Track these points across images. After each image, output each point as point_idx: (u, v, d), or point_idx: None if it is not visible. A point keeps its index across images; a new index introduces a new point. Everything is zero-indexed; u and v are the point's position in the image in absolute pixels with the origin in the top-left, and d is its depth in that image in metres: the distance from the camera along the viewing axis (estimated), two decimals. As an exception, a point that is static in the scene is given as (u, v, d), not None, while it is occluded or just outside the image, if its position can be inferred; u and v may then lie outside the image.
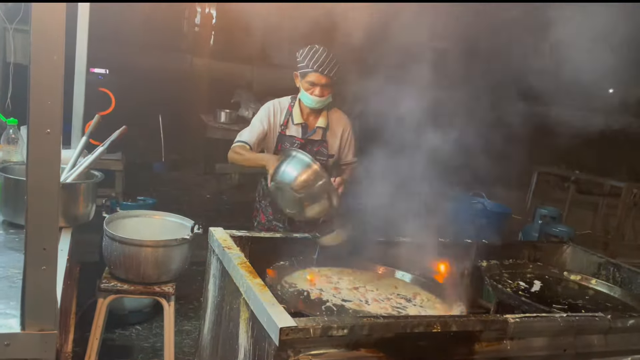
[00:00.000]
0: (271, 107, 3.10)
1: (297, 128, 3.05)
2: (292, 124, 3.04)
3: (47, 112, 1.22)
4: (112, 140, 2.69)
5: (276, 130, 3.07)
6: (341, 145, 3.12)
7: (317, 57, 2.89)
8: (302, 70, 2.93)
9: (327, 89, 2.95)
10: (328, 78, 2.91)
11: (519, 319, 1.92)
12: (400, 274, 2.54)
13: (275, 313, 1.64)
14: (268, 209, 3.17)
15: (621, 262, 2.95)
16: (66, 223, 2.32)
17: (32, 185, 1.27)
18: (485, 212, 5.85)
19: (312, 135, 3.04)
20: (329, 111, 3.09)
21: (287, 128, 3.05)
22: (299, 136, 3.04)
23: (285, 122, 3.05)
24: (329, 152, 3.07)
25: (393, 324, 1.75)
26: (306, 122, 3.05)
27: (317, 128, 3.04)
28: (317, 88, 2.92)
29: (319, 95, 2.94)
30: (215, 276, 2.30)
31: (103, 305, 2.59)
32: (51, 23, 1.19)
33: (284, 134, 3.05)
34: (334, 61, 2.92)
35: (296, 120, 3.03)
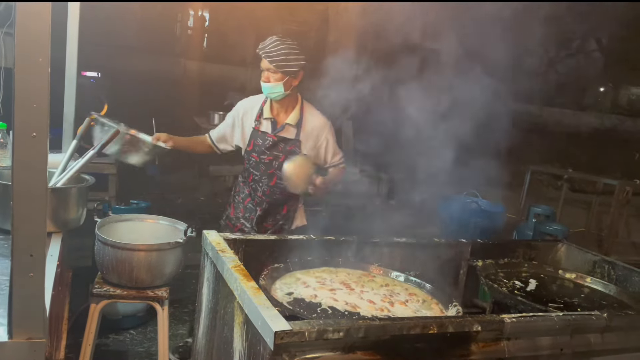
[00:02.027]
0: (245, 103, 3.18)
1: (267, 123, 3.07)
2: (263, 119, 3.08)
3: (32, 115, 1.18)
4: (103, 144, 2.66)
5: (249, 126, 3.10)
6: (317, 146, 3.09)
7: (267, 44, 2.92)
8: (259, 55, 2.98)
9: (274, 75, 2.94)
10: (272, 65, 2.91)
11: (515, 319, 1.90)
12: (395, 274, 2.51)
13: (270, 317, 1.62)
14: (240, 205, 3.18)
15: (616, 260, 2.94)
16: (56, 228, 2.29)
17: (18, 190, 1.23)
18: (480, 211, 5.85)
19: (282, 132, 3.04)
20: (304, 110, 3.08)
21: (260, 124, 3.08)
22: (270, 132, 3.05)
23: (258, 117, 3.09)
24: (302, 152, 3.05)
25: (389, 326, 1.72)
26: (275, 118, 3.06)
27: (285, 124, 3.04)
28: (265, 73, 2.95)
29: (265, 81, 2.95)
30: (210, 280, 2.27)
31: (95, 310, 2.55)
32: (36, 24, 1.16)
33: (257, 129, 3.08)
34: (284, 51, 2.91)
35: (265, 114, 3.06)
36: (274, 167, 3.04)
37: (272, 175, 3.05)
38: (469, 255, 2.84)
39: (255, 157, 3.08)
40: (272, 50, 2.91)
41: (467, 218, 5.58)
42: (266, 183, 3.07)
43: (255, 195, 3.12)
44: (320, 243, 2.54)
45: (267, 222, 3.15)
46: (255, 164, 3.09)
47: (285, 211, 3.16)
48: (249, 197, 3.16)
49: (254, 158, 3.09)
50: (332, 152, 3.14)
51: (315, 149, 3.09)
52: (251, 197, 3.15)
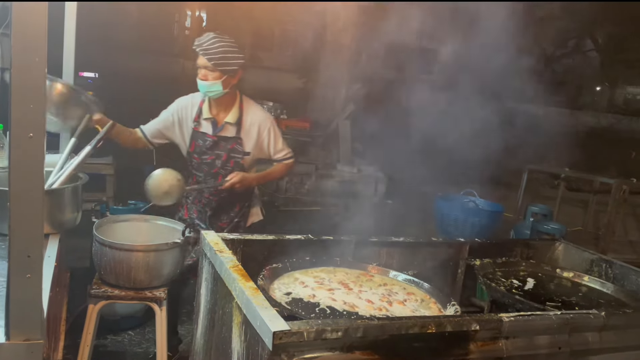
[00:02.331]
0: (183, 100, 3.10)
1: (207, 124, 3.02)
2: (202, 119, 3.02)
3: (29, 115, 1.17)
4: (99, 139, 2.65)
5: (188, 126, 3.04)
6: (260, 142, 3.05)
7: (204, 41, 2.86)
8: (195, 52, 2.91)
9: (211, 73, 2.88)
10: (209, 62, 2.85)
11: (513, 317, 1.90)
12: (393, 274, 2.50)
13: (268, 317, 1.61)
14: (192, 207, 3.16)
15: (613, 259, 2.95)
16: (52, 229, 2.28)
17: (15, 191, 1.22)
18: (477, 210, 5.85)
19: (221, 132, 3.00)
20: (243, 106, 3.03)
21: (199, 124, 3.03)
22: (210, 133, 3.01)
23: (196, 117, 3.03)
24: (244, 149, 3.02)
25: (387, 325, 1.72)
26: (215, 118, 3.01)
27: (225, 124, 3.00)
28: (202, 70, 2.89)
29: (202, 78, 2.89)
30: (208, 280, 2.26)
31: (94, 311, 2.54)
32: (32, 24, 1.15)
33: (196, 130, 3.03)
34: (223, 49, 2.85)
35: (205, 115, 3.01)
36: (217, 166, 3.02)
37: (217, 174, 3.03)
38: (466, 254, 2.84)
39: (196, 158, 3.05)
40: (210, 47, 2.84)
41: (464, 217, 5.58)
42: (211, 182, 3.04)
43: (202, 197, 3.11)
44: (318, 243, 2.54)
45: (222, 220, 3.14)
46: (197, 165, 3.06)
47: (239, 208, 3.14)
48: (196, 199, 3.14)
49: (196, 159, 3.06)
50: (275, 147, 3.09)
51: (258, 145, 3.05)
52: (198, 199, 3.13)
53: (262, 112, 3.11)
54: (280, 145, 3.12)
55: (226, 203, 3.11)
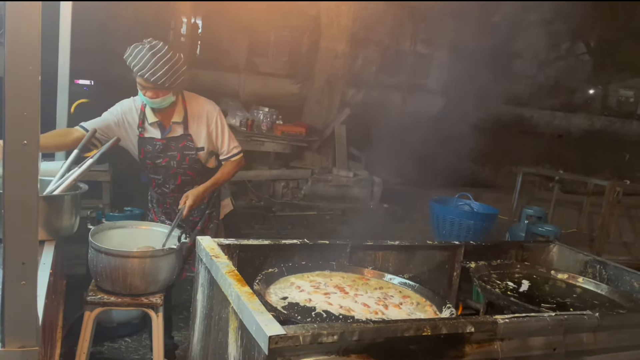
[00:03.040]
0: (126, 104, 2.91)
1: (153, 128, 2.88)
2: (147, 125, 2.87)
3: (23, 123, 1.17)
4: (102, 153, 2.64)
5: (133, 132, 2.89)
6: (209, 134, 2.92)
7: (140, 60, 2.61)
8: (132, 72, 2.69)
9: (160, 91, 2.70)
10: (159, 86, 2.65)
11: (508, 319, 1.90)
12: (388, 277, 2.50)
13: (264, 321, 1.61)
14: (158, 210, 3.17)
15: (607, 260, 2.95)
16: (49, 236, 2.27)
17: (9, 199, 1.22)
18: (472, 213, 5.86)
19: (170, 133, 2.87)
20: (187, 101, 2.89)
21: (145, 130, 2.88)
22: (158, 137, 2.88)
23: (140, 123, 2.87)
24: (196, 145, 2.90)
25: (383, 328, 1.72)
26: (161, 121, 2.86)
27: (172, 124, 2.86)
28: (148, 91, 2.70)
29: (151, 98, 2.71)
30: (204, 285, 2.26)
31: (90, 318, 2.53)
32: (26, 32, 1.15)
33: (143, 137, 2.89)
34: (162, 63, 2.61)
35: (150, 119, 2.86)
36: (173, 167, 2.94)
37: (175, 175, 2.97)
38: (462, 257, 2.84)
39: (150, 163, 2.95)
40: (154, 67, 2.61)
41: (459, 220, 5.59)
42: (172, 183, 2.99)
43: (166, 199, 3.06)
44: (314, 247, 2.54)
45: (193, 215, 3.08)
46: (153, 169, 2.97)
47: (207, 199, 3.06)
48: (159, 202, 3.11)
49: (150, 164, 2.96)
50: (223, 139, 2.95)
51: (209, 137, 2.93)
52: (161, 202, 3.09)
53: (208, 103, 2.96)
54: (227, 139, 2.95)
55: None
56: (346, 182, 8.45)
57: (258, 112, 8.44)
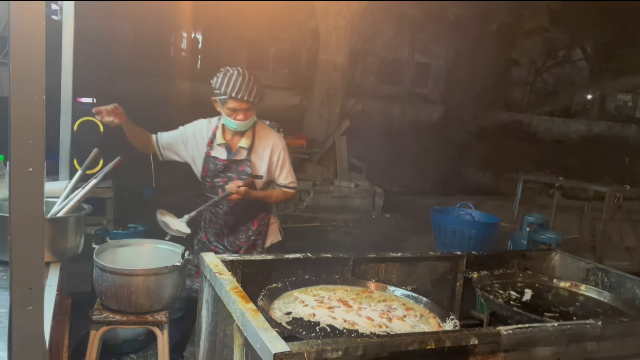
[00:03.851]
0: (200, 124, 3.09)
1: (220, 149, 3.01)
2: (215, 144, 3.02)
3: (28, 151, 1.19)
4: (106, 172, 2.66)
5: (202, 150, 3.04)
6: (271, 165, 3.04)
7: (234, 84, 2.81)
8: (221, 97, 2.87)
9: (250, 111, 2.90)
10: (248, 103, 2.85)
11: (511, 330, 1.90)
12: (391, 290, 2.51)
13: (269, 338, 1.61)
14: (209, 230, 3.17)
15: (609, 267, 2.95)
16: (54, 257, 2.28)
17: (15, 225, 1.23)
18: (474, 223, 5.86)
19: (235, 156, 2.99)
20: (256, 129, 3.03)
21: (212, 149, 3.02)
22: (222, 157, 3.00)
23: (209, 142, 3.03)
24: (253, 172, 3.00)
25: (387, 343, 1.72)
26: (229, 143, 3.01)
27: (239, 148, 2.99)
28: (239, 113, 2.87)
29: (242, 120, 2.89)
30: (208, 302, 2.26)
31: (96, 337, 2.53)
32: (30, 62, 1.17)
33: (209, 155, 3.02)
34: (252, 83, 2.83)
35: (219, 140, 3.00)
36: None
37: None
38: (464, 267, 2.84)
39: (209, 182, 3.05)
40: (247, 88, 2.82)
41: (461, 230, 5.59)
42: (226, 205, 3.04)
43: (217, 218, 3.11)
44: (317, 261, 2.54)
45: (240, 240, 3.13)
46: (211, 188, 3.06)
47: (256, 226, 3.12)
48: (211, 222, 3.15)
49: (209, 183, 3.06)
50: (282, 172, 3.07)
51: (268, 167, 3.03)
52: (213, 222, 3.13)
53: (275, 135, 3.10)
54: (285, 172, 3.09)
55: (244, 221, 3.10)
56: (348, 193, 8.46)
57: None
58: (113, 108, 2.90)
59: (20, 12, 1.14)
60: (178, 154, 3.11)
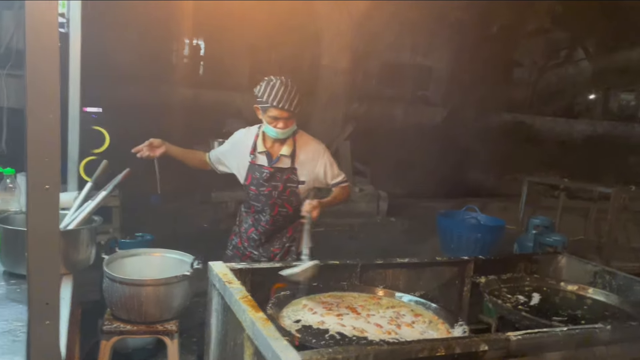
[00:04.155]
0: (240, 135, 3.18)
1: (262, 157, 3.07)
2: (257, 153, 3.07)
3: (45, 169, 1.22)
4: (116, 184, 2.68)
5: (245, 159, 3.10)
6: (317, 172, 3.08)
7: (276, 93, 2.86)
8: (262, 105, 2.92)
9: (290, 120, 2.95)
10: (289, 112, 2.90)
11: (520, 336, 1.92)
12: (399, 296, 2.52)
13: (280, 348, 1.63)
14: (244, 235, 3.19)
15: (616, 270, 2.96)
16: (67, 269, 2.30)
17: (32, 241, 1.26)
18: (480, 226, 5.87)
19: (277, 163, 3.04)
20: (296, 137, 3.08)
21: (256, 157, 3.08)
22: (266, 165, 3.05)
23: (252, 151, 3.08)
24: (298, 179, 3.05)
25: (397, 350, 1.74)
26: (269, 151, 3.06)
27: (280, 156, 3.03)
28: (280, 121, 2.92)
29: (282, 128, 2.94)
30: (218, 311, 2.28)
31: (106, 347, 2.56)
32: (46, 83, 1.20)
33: (254, 164, 3.07)
34: (294, 92, 2.88)
35: (259, 148, 3.05)
36: (273, 197, 3.05)
37: (273, 205, 3.06)
38: (471, 272, 2.86)
39: (254, 190, 3.09)
40: (289, 97, 2.86)
41: (467, 234, 5.60)
42: (269, 213, 3.08)
43: (258, 225, 3.14)
44: (324, 268, 2.56)
45: (274, 246, 3.16)
46: (255, 196, 3.10)
47: (291, 233, 3.16)
48: (252, 227, 3.17)
49: (253, 191, 3.09)
50: (331, 175, 3.13)
51: (313, 174, 3.08)
52: (254, 227, 3.16)
53: (316, 143, 3.15)
54: (336, 172, 3.15)
55: (281, 229, 3.15)
56: (352, 198, 8.47)
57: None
58: (149, 144, 3.03)
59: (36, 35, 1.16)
60: (227, 166, 3.23)
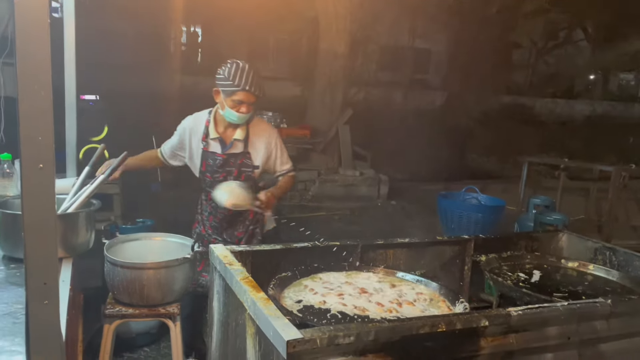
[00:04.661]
0: (189, 123, 3.12)
1: (215, 143, 3.03)
2: (209, 139, 3.03)
3: (38, 147, 1.20)
4: (113, 168, 2.68)
5: (198, 147, 3.06)
6: (268, 155, 3.07)
7: (247, 76, 2.84)
8: (229, 88, 2.87)
9: (253, 105, 2.93)
10: (256, 97, 2.89)
11: (521, 311, 1.91)
12: (401, 275, 2.52)
13: (281, 326, 1.63)
14: (206, 223, 3.19)
15: (617, 246, 2.95)
16: (66, 253, 2.30)
17: (28, 221, 1.25)
18: (480, 206, 5.86)
19: (230, 149, 3.01)
20: (249, 122, 3.05)
21: (208, 144, 3.04)
22: (219, 152, 3.02)
23: (204, 137, 3.04)
24: (253, 163, 3.04)
25: (398, 327, 1.73)
26: (222, 136, 3.03)
27: (234, 140, 3.01)
28: (244, 106, 2.89)
29: (245, 112, 2.91)
30: (219, 293, 2.28)
31: (109, 331, 2.56)
32: (36, 58, 1.18)
33: (206, 150, 3.04)
34: (258, 77, 2.88)
35: (212, 135, 3.02)
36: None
37: None
38: (472, 251, 2.85)
39: (209, 177, 3.07)
40: (259, 82, 2.86)
41: (468, 214, 5.59)
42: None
43: (217, 212, 3.12)
44: (325, 249, 2.55)
45: (238, 230, 3.16)
46: (210, 183, 3.08)
47: (253, 216, 3.14)
48: (212, 215, 3.16)
49: (208, 178, 3.08)
50: (281, 161, 3.11)
51: (265, 159, 3.07)
52: (213, 215, 3.15)
53: (268, 126, 3.14)
54: (285, 159, 3.14)
55: (242, 213, 3.13)
56: (353, 181, 8.47)
57: (262, 116, 8.47)
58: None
59: (25, 9, 1.14)
60: (181, 158, 3.18)
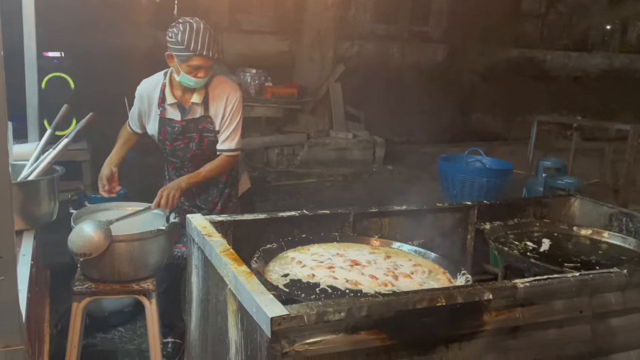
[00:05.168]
0: (144, 88, 3.07)
1: (172, 109, 2.99)
2: (167, 105, 2.99)
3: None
4: (78, 130, 2.63)
5: (155, 113, 3.03)
6: (224, 116, 3.00)
7: (202, 40, 2.77)
8: (183, 53, 2.79)
9: (209, 69, 2.88)
10: (212, 60, 2.84)
11: (528, 283, 1.90)
12: (397, 245, 2.51)
13: (265, 302, 1.61)
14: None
15: (634, 212, 2.95)
16: (26, 225, 2.27)
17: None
18: (485, 170, 5.85)
19: (189, 114, 2.98)
20: (210, 82, 2.99)
21: (165, 110, 3.01)
22: (177, 119, 2.99)
23: (160, 103, 3.00)
24: (215, 128, 3.01)
25: (393, 301, 1.72)
26: (180, 101, 2.98)
27: (192, 105, 2.97)
28: (201, 71, 2.84)
29: (203, 77, 2.87)
30: (198, 267, 2.27)
31: (78, 309, 2.55)
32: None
33: (163, 117, 3.01)
34: (214, 38, 2.82)
35: (169, 100, 2.97)
36: (192, 149, 3.03)
37: (194, 157, 3.04)
38: (475, 218, 2.85)
39: (168, 145, 3.06)
40: (215, 44, 2.81)
41: (471, 178, 5.58)
42: (190, 166, 3.05)
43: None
44: (314, 218, 2.54)
45: (212, 195, 3.15)
46: (171, 151, 3.07)
47: (226, 178, 3.14)
48: None
49: (168, 146, 3.06)
50: (225, 133, 3.00)
51: (222, 120, 3.01)
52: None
53: (229, 88, 3.04)
54: (231, 134, 3.02)
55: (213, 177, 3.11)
56: (345, 145, 8.43)
57: (245, 74, 8.35)
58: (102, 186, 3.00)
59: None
60: (144, 125, 3.14)
